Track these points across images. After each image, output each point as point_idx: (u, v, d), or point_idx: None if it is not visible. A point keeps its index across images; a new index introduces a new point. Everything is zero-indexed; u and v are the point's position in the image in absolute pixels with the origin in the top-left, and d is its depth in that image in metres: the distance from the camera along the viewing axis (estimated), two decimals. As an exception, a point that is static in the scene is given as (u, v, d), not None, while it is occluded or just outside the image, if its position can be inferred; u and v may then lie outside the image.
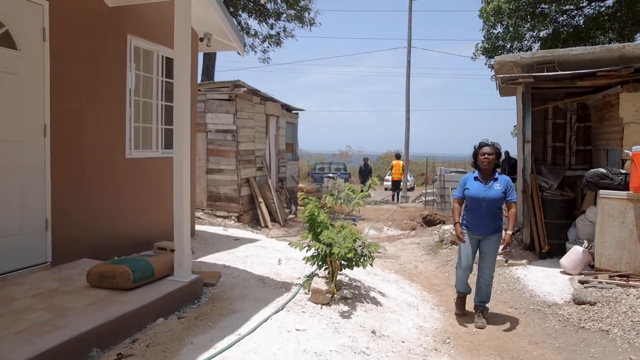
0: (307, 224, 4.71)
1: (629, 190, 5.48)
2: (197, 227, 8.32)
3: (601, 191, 5.73)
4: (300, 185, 12.63)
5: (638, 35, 14.45)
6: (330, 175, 18.34)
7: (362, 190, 5.34)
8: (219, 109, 10.37)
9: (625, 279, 5.36)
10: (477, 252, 4.73)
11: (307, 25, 15.95)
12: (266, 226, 10.50)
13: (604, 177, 5.80)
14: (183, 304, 4.01)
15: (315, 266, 4.66)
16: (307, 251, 4.69)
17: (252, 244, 6.64)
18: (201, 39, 6.54)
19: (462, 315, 4.90)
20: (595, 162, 7.50)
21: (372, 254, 4.60)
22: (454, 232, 8.19)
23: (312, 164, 28.07)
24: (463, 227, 4.67)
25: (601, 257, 5.67)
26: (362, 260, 4.56)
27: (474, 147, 4.72)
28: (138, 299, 3.64)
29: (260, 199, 10.79)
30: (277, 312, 3.94)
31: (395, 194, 16.87)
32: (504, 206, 4.73)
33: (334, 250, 4.20)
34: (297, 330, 3.65)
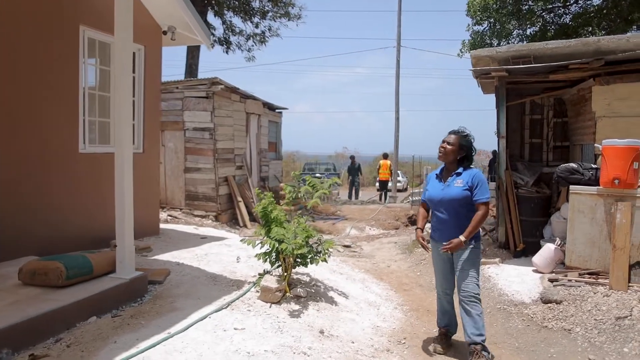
0: (262, 220, 4.54)
1: (599, 185, 5.31)
2: (170, 226, 8.17)
3: (572, 187, 5.56)
4: (287, 184, 12.43)
5: (630, 32, 14.32)
6: (318, 175, 18.14)
7: (329, 185, 5.13)
8: (197, 106, 10.20)
9: (594, 276, 5.18)
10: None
11: (293, 20, 15.82)
12: (245, 226, 10.32)
13: (575, 172, 5.63)
14: (123, 302, 3.83)
15: (267, 263, 4.48)
16: (260, 248, 4.51)
17: (218, 242, 6.46)
18: (165, 32, 6.38)
19: (445, 354, 3.82)
20: (571, 158, 7.33)
21: (327, 251, 4.41)
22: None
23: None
24: (431, 237, 3.80)
25: (572, 255, 5.50)
26: (316, 257, 4.38)
27: None
28: (69, 296, 3.47)
29: (239, 198, 10.61)
30: (218, 310, 3.76)
31: (383, 193, 16.69)
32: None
33: (282, 247, 4.03)
34: (235, 329, 3.47)
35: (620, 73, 5.99)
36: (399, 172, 22.29)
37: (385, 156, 17.25)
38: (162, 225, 7.71)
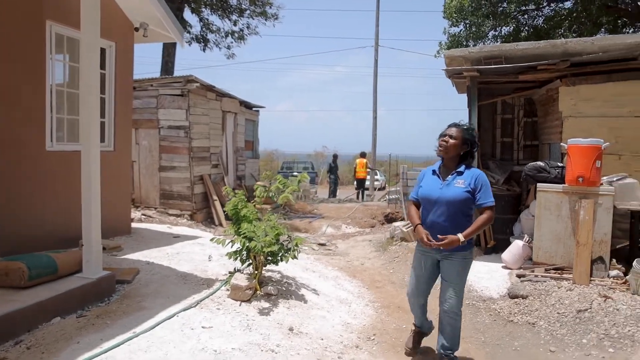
0: (233, 219, 4.54)
1: (565, 183, 5.45)
2: (143, 225, 8.06)
3: (539, 185, 5.70)
4: (259, 183, 12.41)
5: (600, 34, 14.71)
6: (296, 174, 18.14)
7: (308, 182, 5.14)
8: (172, 104, 10.08)
9: (559, 271, 5.33)
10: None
11: (270, 20, 15.78)
12: (220, 224, 10.26)
13: (542, 171, 5.78)
14: (89, 302, 3.77)
15: (238, 261, 4.47)
16: (231, 246, 4.51)
17: (191, 241, 6.41)
18: (136, 29, 6.29)
19: (413, 354, 3.77)
20: (540, 157, 7.51)
21: (296, 248, 4.43)
22: (405, 231, 8.12)
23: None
24: (418, 240, 3.44)
25: (539, 251, 5.64)
26: (286, 254, 4.39)
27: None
28: (31, 297, 3.40)
29: (215, 197, 10.53)
30: (187, 309, 3.74)
31: (360, 192, 16.79)
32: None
33: (252, 245, 4.03)
34: (202, 327, 3.46)
35: (585, 74, 6.17)
36: (377, 170, 22.47)
37: (363, 155, 17.35)
38: (135, 225, 7.62)
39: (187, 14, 15.71)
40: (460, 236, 3.15)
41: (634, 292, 4.57)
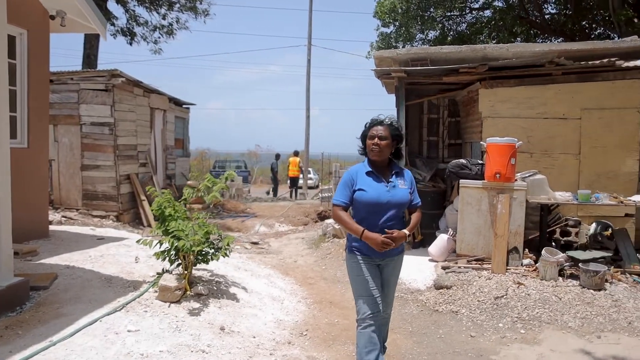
0: (160, 219, 4.38)
1: (484, 179, 5.82)
2: (63, 228, 7.56)
3: (461, 181, 6.04)
4: (189, 182, 12.08)
5: (515, 42, 15.84)
6: (229, 173, 17.85)
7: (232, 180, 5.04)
8: (95, 100, 9.52)
9: (480, 262, 5.68)
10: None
11: (200, 16, 15.38)
12: (149, 225, 9.84)
13: (464, 168, 6.12)
14: (-2, 312, 3.48)
15: (167, 262, 4.33)
16: (159, 247, 4.35)
17: (116, 242, 6.10)
18: (52, 17, 5.87)
19: None
20: (463, 155, 7.96)
21: (227, 246, 4.37)
22: (337, 227, 8.17)
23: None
24: (354, 249, 3.08)
25: (461, 243, 5.97)
26: (216, 253, 4.32)
27: (365, 126, 3.15)
28: None
29: (143, 197, 10.09)
30: (111, 313, 3.57)
31: (293, 190, 16.85)
32: None
33: (180, 244, 3.92)
34: (128, 331, 3.32)
35: (502, 78, 6.62)
36: (310, 169, 22.63)
37: (296, 154, 17.43)
38: (54, 227, 7.13)
39: (112, 5, 14.93)
40: (406, 231, 3.01)
41: (542, 277, 4.99)
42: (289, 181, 17.69)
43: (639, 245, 5.95)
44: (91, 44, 13.58)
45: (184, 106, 13.27)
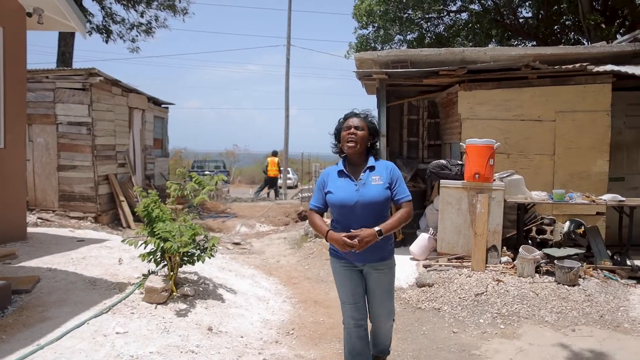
0: (146, 220, 4.36)
1: (464, 179, 5.97)
2: (40, 230, 7.42)
3: (442, 181, 6.18)
4: (169, 183, 11.95)
5: (491, 44, 16.22)
6: (207, 173, 17.74)
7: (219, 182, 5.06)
8: (72, 99, 9.34)
9: (460, 260, 5.83)
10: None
11: (179, 15, 15.20)
12: (129, 226, 9.72)
13: (444, 168, 6.26)
14: (-20, 316, 3.42)
15: (152, 263, 4.32)
16: (144, 248, 4.33)
17: (98, 244, 6.03)
18: (29, 14, 5.76)
19: None
20: (443, 156, 8.13)
21: (213, 247, 4.39)
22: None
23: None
24: (334, 253, 2.94)
25: (442, 242, 6.11)
26: (202, 254, 4.33)
27: (339, 122, 2.97)
28: None
29: (122, 198, 9.96)
30: (98, 315, 3.55)
31: (273, 190, 16.84)
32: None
33: (167, 245, 3.92)
34: (117, 333, 3.31)
35: (480, 81, 6.79)
36: (289, 169, 22.65)
37: (275, 154, 17.41)
38: (31, 229, 6.98)
39: (87, 2, 14.66)
40: (378, 228, 2.68)
41: (520, 274, 5.16)
42: (266, 180, 17.60)
43: (609, 242, 6.20)
44: (66, 41, 13.29)
45: (162, 106, 13.13)
